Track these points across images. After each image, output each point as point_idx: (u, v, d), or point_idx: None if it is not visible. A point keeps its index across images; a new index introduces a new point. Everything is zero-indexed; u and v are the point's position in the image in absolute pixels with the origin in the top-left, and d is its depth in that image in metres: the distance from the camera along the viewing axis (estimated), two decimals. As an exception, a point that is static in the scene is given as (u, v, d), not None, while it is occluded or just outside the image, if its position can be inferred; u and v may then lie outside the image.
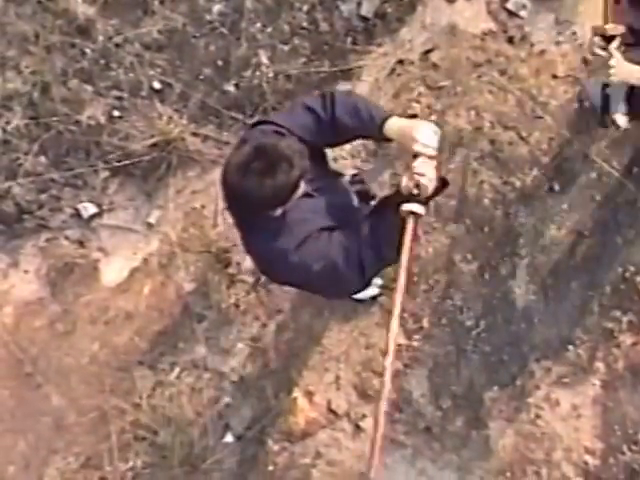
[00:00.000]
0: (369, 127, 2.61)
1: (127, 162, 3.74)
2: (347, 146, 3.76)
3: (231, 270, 3.72)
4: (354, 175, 3.25)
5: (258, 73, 3.79)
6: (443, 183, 2.62)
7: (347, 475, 3.62)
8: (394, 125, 2.58)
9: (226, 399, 3.67)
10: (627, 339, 3.65)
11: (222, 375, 3.68)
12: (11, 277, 3.76)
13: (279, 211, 2.52)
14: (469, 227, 3.72)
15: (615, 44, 2.83)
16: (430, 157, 2.55)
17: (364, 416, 3.64)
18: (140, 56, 3.77)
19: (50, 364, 3.70)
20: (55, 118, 3.73)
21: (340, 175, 3.08)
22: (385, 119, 2.58)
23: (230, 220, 3.74)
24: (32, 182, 3.74)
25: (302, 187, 2.50)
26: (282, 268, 2.61)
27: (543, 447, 3.59)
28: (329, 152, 2.93)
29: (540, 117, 3.76)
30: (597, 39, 2.85)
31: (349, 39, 3.82)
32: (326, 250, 2.57)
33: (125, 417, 3.62)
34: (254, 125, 2.70)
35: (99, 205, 3.77)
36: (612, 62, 2.83)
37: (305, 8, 3.83)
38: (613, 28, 2.82)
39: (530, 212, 3.70)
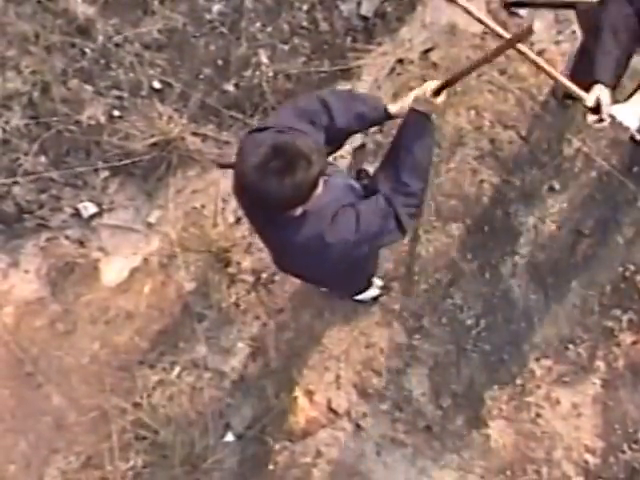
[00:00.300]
0: (376, 120, 2.72)
1: (127, 162, 3.74)
2: (347, 146, 3.76)
3: (231, 269, 3.72)
4: (359, 171, 3.24)
5: (258, 73, 3.80)
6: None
7: (348, 474, 3.62)
8: (394, 107, 2.67)
9: (227, 398, 3.67)
10: (627, 338, 3.65)
11: (223, 374, 3.68)
12: (11, 277, 3.76)
13: (299, 210, 2.48)
14: (469, 226, 3.72)
15: (610, 111, 2.79)
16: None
17: (364, 415, 3.64)
18: (140, 56, 3.77)
19: (51, 364, 3.70)
20: (55, 118, 3.73)
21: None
22: (384, 105, 2.69)
23: (232, 219, 3.77)
24: (32, 182, 3.74)
25: (321, 185, 2.46)
26: (321, 253, 2.54)
27: (543, 446, 3.60)
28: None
29: (540, 116, 3.76)
30: (590, 117, 2.81)
31: (349, 38, 3.83)
32: (357, 219, 2.53)
33: (126, 416, 3.62)
34: (251, 132, 2.65)
35: (99, 205, 3.77)
36: (617, 119, 2.82)
37: (305, 7, 3.83)
38: (593, 99, 2.77)
39: (530, 211, 3.70)
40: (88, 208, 3.76)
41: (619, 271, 3.68)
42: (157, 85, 3.79)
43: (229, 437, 3.65)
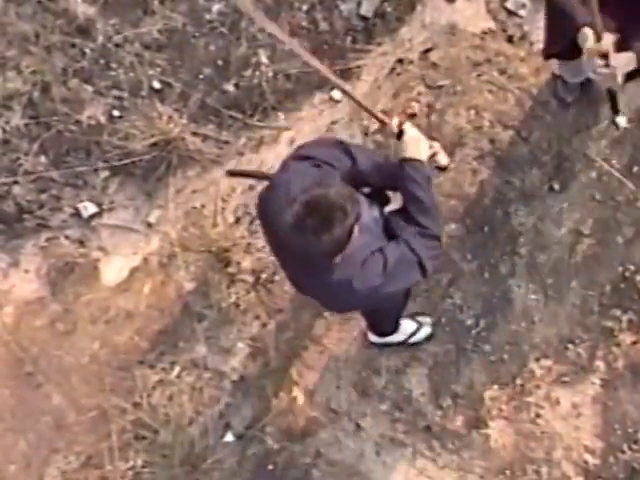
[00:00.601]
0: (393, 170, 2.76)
1: (127, 161, 3.74)
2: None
3: (231, 269, 3.72)
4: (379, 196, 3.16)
5: (258, 73, 3.80)
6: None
7: (347, 474, 3.62)
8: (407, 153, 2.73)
9: (226, 398, 3.67)
10: (627, 338, 3.65)
11: (222, 374, 3.68)
12: (11, 277, 3.76)
13: (339, 258, 2.48)
14: (469, 226, 3.72)
15: (613, 58, 2.81)
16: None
17: (364, 415, 3.64)
18: (140, 56, 3.77)
19: (51, 363, 3.70)
20: (55, 118, 3.73)
21: None
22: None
23: (231, 219, 3.77)
24: (32, 182, 3.74)
25: (356, 230, 2.45)
26: (347, 297, 2.58)
27: (543, 446, 3.60)
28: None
29: (540, 116, 3.76)
30: (598, 61, 2.82)
31: (349, 38, 3.83)
32: (384, 266, 2.55)
33: (125, 416, 3.62)
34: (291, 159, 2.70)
35: (99, 204, 3.77)
36: (618, 74, 2.83)
37: (305, 7, 3.83)
38: (607, 44, 2.80)
39: (530, 211, 3.70)
40: (88, 208, 3.76)
41: (619, 271, 3.68)
42: (157, 85, 3.79)
43: (229, 437, 3.65)
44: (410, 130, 2.72)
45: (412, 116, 3.75)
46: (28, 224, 3.75)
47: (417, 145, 2.70)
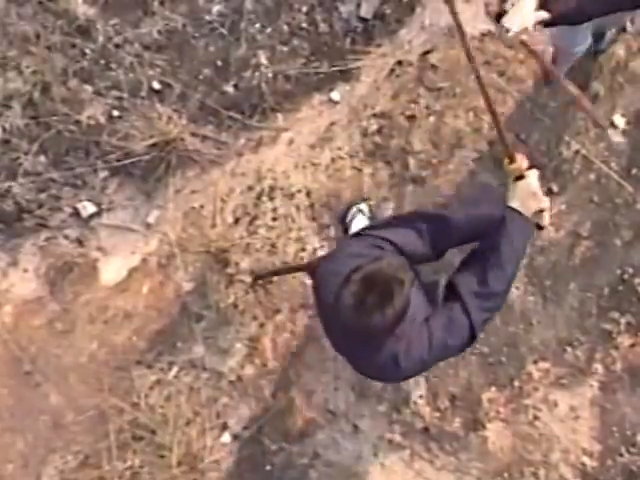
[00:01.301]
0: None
1: (126, 162, 3.74)
2: (345, 147, 3.78)
3: (230, 270, 3.72)
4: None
5: (257, 74, 3.80)
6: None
7: (345, 476, 3.62)
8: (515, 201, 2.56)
9: (224, 399, 3.67)
10: (625, 341, 3.65)
11: (220, 375, 3.68)
12: (10, 276, 3.76)
13: (399, 329, 2.41)
14: (467, 228, 3.72)
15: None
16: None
17: (362, 416, 3.65)
18: (140, 56, 3.78)
19: (49, 363, 3.70)
20: (55, 118, 3.74)
21: None
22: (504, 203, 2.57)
23: (230, 220, 3.77)
24: (32, 181, 3.74)
25: (412, 296, 2.40)
26: (392, 372, 2.53)
27: (541, 448, 3.60)
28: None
29: (539, 118, 3.77)
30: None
31: (348, 40, 3.83)
32: (429, 342, 2.47)
33: (123, 416, 3.62)
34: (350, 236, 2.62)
35: (98, 204, 3.77)
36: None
37: (304, 9, 3.84)
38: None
39: (528, 213, 3.70)
40: (87, 208, 3.76)
41: (617, 274, 3.68)
42: (157, 86, 3.79)
43: (226, 437, 3.65)
44: (533, 180, 2.55)
45: (411, 117, 3.76)
46: (27, 223, 3.75)
47: (531, 198, 2.53)
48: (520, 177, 2.54)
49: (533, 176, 2.56)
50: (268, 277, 3.67)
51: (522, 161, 2.58)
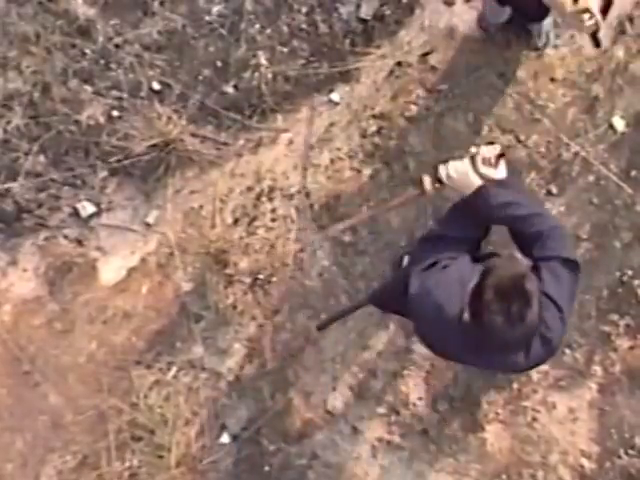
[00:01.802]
0: None
1: (126, 162, 3.75)
2: (345, 148, 3.78)
3: (229, 271, 3.72)
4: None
5: (257, 74, 3.80)
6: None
7: (344, 477, 3.62)
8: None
9: (223, 399, 3.67)
10: (624, 343, 3.65)
11: (219, 375, 3.68)
12: (10, 275, 3.76)
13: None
14: (467, 229, 3.72)
15: (595, 9, 2.80)
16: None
17: (361, 417, 3.64)
18: (140, 57, 3.78)
19: (48, 362, 3.70)
20: (55, 118, 3.74)
21: None
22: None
23: (230, 220, 3.78)
24: (32, 181, 3.75)
25: None
26: (549, 350, 2.55)
27: (539, 450, 3.60)
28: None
29: (538, 120, 3.76)
30: (584, 17, 2.81)
31: (348, 41, 3.83)
32: (555, 308, 2.51)
33: (122, 416, 3.62)
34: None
35: (98, 204, 3.77)
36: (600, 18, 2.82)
37: (304, 10, 3.84)
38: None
39: (528, 215, 3.70)
40: (87, 208, 3.77)
41: (616, 276, 3.68)
42: (156, 86, 3.80)
43: (225, 438, 3.65)
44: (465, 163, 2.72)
45: (411, 119, 3.75)
46: (27, 223, 3.76)
47: (464, 180, 2.70)
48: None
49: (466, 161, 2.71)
50: (330, 324, 3.63)
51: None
